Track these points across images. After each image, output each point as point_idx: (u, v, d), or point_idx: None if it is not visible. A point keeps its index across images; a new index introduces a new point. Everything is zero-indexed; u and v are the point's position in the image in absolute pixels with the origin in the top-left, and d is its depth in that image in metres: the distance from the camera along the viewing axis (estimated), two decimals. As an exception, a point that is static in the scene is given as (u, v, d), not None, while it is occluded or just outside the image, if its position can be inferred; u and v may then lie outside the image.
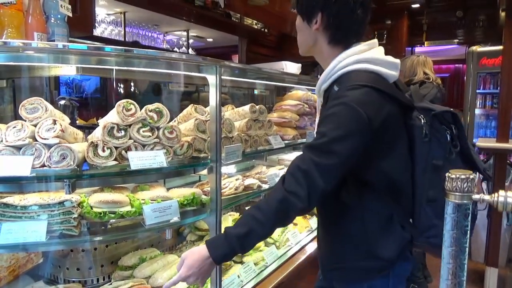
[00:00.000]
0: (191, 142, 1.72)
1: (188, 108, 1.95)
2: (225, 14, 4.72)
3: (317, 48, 1.37)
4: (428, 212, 1.26)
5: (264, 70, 2.22)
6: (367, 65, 1.28)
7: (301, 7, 1.36)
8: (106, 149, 1.46)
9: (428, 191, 1.25)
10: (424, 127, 1.25)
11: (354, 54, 1.29)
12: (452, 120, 1.25)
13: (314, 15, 1.32)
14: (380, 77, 1.28)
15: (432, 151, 1.25)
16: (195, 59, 1.67)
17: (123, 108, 1.53)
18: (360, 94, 1.19)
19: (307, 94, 2.76)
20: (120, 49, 1.40)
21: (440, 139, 1.24)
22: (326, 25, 1.31)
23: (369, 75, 1.26)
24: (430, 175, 1.25)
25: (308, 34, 1.37)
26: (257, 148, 2.19)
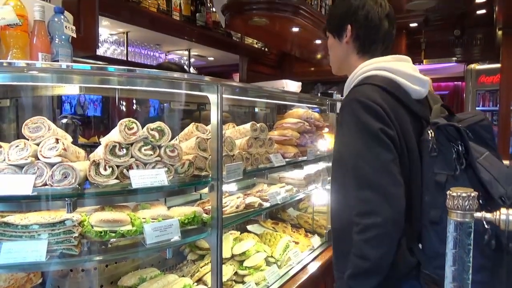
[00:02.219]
0: (192, 160, 1.73)
1: (190, 127, 1.96)
2: (226, 33, 4.80)
3: (347, 61, 1.47)
4: (432, 236, 1.22)
5: (264, 88, 2.24)
6: (384, 72, 1.33)
7: (332, 26, 1.48)
8: (108, 167, 1.46)
9: (430, 210, 1.22)
10: (431, 141, 1.24)
11: (376, 62, 1.37)
12: (457, 135, 1.22)
13: (344, 29, 1.43)
14: (396, 84, 1.31)
15: (437, 167, 1.23)
16: (196, 78, 1.69)
17: (125, 127, 1.54)
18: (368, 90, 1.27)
19: (308, 112, 2.78)
20: (122, 69, 1.43)
21: (446, 154, 1.22)
22: (355, 36, 1.42)
23: (384, 79, 1.31)
24: (432, 193, 1.23)
25: (340, 49, 1.48)
26: (258, 166, 2.19)
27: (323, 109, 3.07)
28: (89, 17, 2.59)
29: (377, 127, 1.19)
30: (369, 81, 1.32)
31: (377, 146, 1.18)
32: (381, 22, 1.40)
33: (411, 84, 1.34)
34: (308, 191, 2.70)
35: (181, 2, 4.16)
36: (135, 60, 4.42)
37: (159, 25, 3.95)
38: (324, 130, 3.03)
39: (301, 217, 3.06)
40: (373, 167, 1.17)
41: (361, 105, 1.23)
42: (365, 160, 1.19)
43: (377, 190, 1.16)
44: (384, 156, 1.18)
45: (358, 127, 1.22)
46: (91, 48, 2.61)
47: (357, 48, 1.43)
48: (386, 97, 1.27)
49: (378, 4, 1.41)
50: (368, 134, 1.20)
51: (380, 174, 1.16)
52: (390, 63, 1.36)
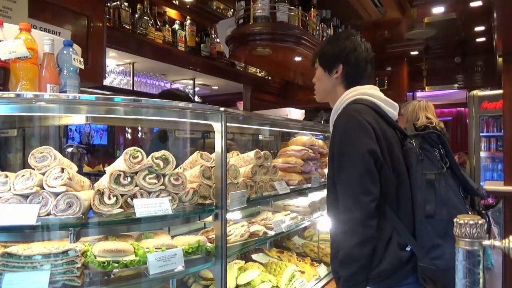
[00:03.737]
0: (196, 188, 1.72)
1: (194, 155, 1.97)
2: (230, 63, 4.90)
3: (334, 92, 1.66)
4: (429, 230, 1.38)
5: (268, 116, 2.26)
6: (367, 96, 1.56)
7: (324, 62, 1.67)
8: (112, 196, 1.46)
9: (424, 206, 1.40)
10: (417, 148, 1.47)
11: (359, 89, 1.58)
12: (439, 140, 1.47)
13: (335, 67, 1.63)
14: (377, 106, 1.55)
15: (425, 168, 1.44)
16: (201, 107, 1.72)
17: (130, 156, 1.55)
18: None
19: (311, 139, 2.79)
20: (128, 99, 1.45)
21: (430, 158, 1.45)
22: (345, 74, 1.62)
23: (368, 101, 1.53)
24: (425, 190, 1.42)
25: (328, 82, 1.66)
26: (262, 193, 2.18)
27: (326, 136, 3.08)
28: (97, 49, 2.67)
29: (366, 149, 1.38)
30: (357, 101, 1.53)
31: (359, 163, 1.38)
32: (366, 64, 1.63)
33: (387, 107, 1.57)
34: (314, 219, 2.67)
35: (186, 34, 4.28)
36: (141, 89, 4.50)
37: (164, 56, 4.04)
38: (328, 157, 3.02)
39: (307, 245, 3.01)
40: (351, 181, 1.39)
41: (353, 122, 1.43)
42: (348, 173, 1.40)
43: (351, 196, 1.38)
44: (360, 171, 1.38)
45: (350, 144, 1.41)
46: (99, 78, 2.67)
47: (344, 82, 1.63)
48: (374, 115, 1.48)
49: (365, 49, 1.64)
50: (357, 152, 1.38)
51: (355, 185, 1.37)
52: (369, 90, 1.59)
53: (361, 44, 1.63)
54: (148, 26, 3.80)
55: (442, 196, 1.39)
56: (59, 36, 2.28)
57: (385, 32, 5.39)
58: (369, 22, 4.36)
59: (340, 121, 1.48)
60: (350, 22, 4.22)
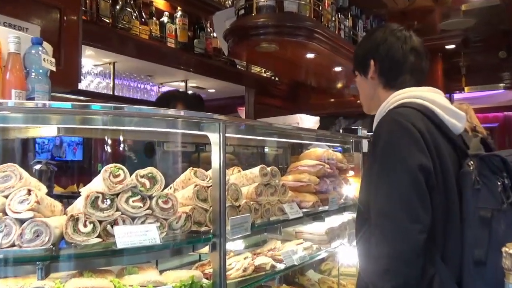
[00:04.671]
0: (189, 213, 1.73)
1: (187, 172, 1.98)
2: (229, 62, 4.93)
3: (376, 97, 1.63)
4: (476, 280, 1.28)
5: (275, 125, 2.27)
6: (420, 100, 1.46)
7: (357, 64, 1.69)
8: (89, 223, 1.46)
9: (473, 249, 1.29)
10: (473, 173, 1.34)
11: (409, 91, 1.51)
12: (503, 166, 1.34)
13: (367, 65, 1.63)
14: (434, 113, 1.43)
15: (481, 201, 1.32)
16: (195, 115, 1.73)
17: (110, 174, 1.56)
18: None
19: (328, 152, 2.79)
20: (108, 107, 1.47)
21: (490, 188, 1.32)
22: (379, 71, 1.60)
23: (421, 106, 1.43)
24: (476, 230, 1.30)
25: (367, 85, 1.66)
26: (269, 218, 2.17)
27: (346, 148, 3.08)
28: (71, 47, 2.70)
29: (415, 164, 1.28)
30: (405, 105, 1.45)
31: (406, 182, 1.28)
32: (405, 56, 1.60)
33: (449, 117, 1.46)
34: (332, 249, 2.66)
35: (177, 28, 4.32)
36: (122, 94, 4.52)
37: (151, 54, 4.08)
38: (349, 174, 3.02)
39: (324, 281, 2.99)
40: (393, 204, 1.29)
41: (399, 128, 1.35)
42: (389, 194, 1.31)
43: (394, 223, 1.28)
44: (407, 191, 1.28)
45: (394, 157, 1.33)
46: (73, 82, 2.69)
47: (383, 82, 1.61)
48: (426, 122, 1.39)
49: (401, 39, 1.62)
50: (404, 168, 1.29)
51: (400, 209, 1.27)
52: (425, 92, 1.51)
53: (395, 32, 1.62)
54: (132, 19, 3.85)
55: (499, 240, 1.24)
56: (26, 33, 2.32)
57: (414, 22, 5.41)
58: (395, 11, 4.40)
59: (381, 128, 1.43)
60: (372, 12, 4.26)
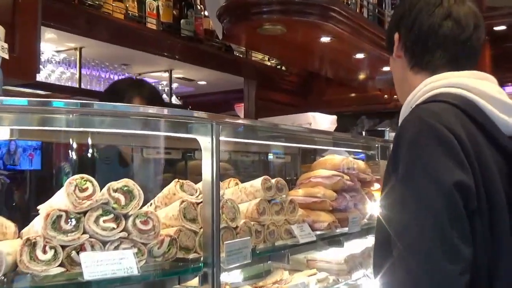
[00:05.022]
0: (174, 236, 1.73)
1: (171, 185, 1.98)
2: (224, 47, 4.94)
3: (405, 82, 1.56)
4: None
5: (282, 127, 2.27)
6: (459, 90, 1.36)
7: (387, 40, 1.63)
8: (49, 249, 1.46)
9: None
10: None
11: (446, 78, 1.42)
12: None
13: (393, 41, 1.57)
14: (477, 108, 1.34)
15: None
16: (182, 114, 1.73)
17: (76, 188, 1.56)
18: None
19: (348, 160, 2.79)
20: (74, 104, 1.47)
21: None
22: (405, 47, 1.54)
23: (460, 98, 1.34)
24: None
25: (395, 68, 1.62)
26: (274, 243, 2.17)
27: (370, 154, 3.09)
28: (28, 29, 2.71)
29: (451, 181, 1.20)
30: (439, 98, 1.37)
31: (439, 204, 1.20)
32: (434, 25, 1.47)
33: (498, 112, 1.35)
34: (353, 281, 2.65)
35: (160, 5, 4.33)
36: (91, 87, 4.54)
37: (127, 37, 4.09)
38: (374, 187, 3.02)
39: (343, 321, 2.99)
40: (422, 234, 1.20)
41: (427, 133, 1.26)
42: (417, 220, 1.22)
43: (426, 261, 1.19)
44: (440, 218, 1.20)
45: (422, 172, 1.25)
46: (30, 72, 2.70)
47: (410, 62, 1.54)
48: (465, 122, 1.30)
49: (433, 2, 1.50)
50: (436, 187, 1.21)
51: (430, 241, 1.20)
52: (467, 79, 1.40)
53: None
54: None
55: None
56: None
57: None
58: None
59: (403, 132, 1.33)
60: (402, -16, 4.27)
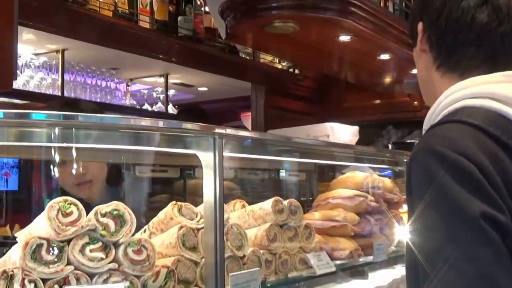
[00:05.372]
0: (172, 267, 1.73)
1: (168, 209, 1.99)
2: (228, 48, 4.96)
3: (431, 84, 1.50)
4: None
5: (295, 140, 2.28)
6: (488, 102, 1.30)
7: (410, 29, 1.59)
8: (28, 283, 1.48)
9: None
10: None
11: (473, 85, 1.35)
12: None
13: (416, 30, 1.51)
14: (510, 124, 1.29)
15: None
16: (179, 126, 1.74)
17: (59, 212, 1.57)
18: None
19: (372, 177, 2.80)
20: (56, 116, 1.49)
21: None
22: (430, 41, 1.47)
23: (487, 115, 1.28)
24: None
25: (419, 63, 1.55)
26: (287, 274, 2.18)
27: (398, 171, 3.09)
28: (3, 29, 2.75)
29: (477, 211, 1.17)
30: (457, 117, 1.30)
31: (474, 241, 1.17)
32: (467, 14, 1.40)
33: None
34: (379, 319, 2.65)
35: (154, 1, 4.37)
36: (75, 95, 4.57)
37: (116, 38, 4.12)
38: (402, 208, 3.02)
39: None
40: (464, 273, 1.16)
41: (442, 164, 1.22)
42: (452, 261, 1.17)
43: None
44: (484, 256, 1.16)
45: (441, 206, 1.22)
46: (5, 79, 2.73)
47: (434, 59, 1.47)
48: (489, 146, 1.25)
49: None
50: (461, 221, 1.18)
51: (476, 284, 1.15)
52: (496, 85, 1.35)
53: None
54: (89, -12, 3.91)
55: None
56: None
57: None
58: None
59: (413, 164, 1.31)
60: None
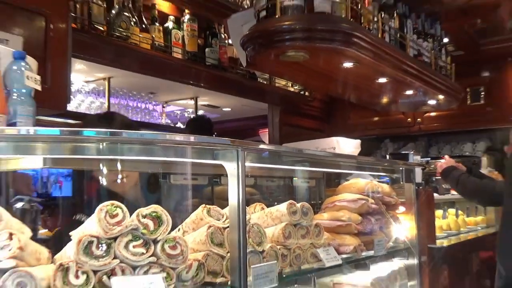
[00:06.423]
0: (202, 260, 1.74)
1: (198, 211, 2.00)
2: (248, 74, 4.99)
3: None
4: None
5: (306, 152, 2.28)
6: None
7: None
8: (81, 274, 1.49)
9: None
10: None
11: None
12: None
13: None
14: None
15: None
16: (208, 141, 1.76)
17: (106, 214, 1.58)
18: None
19: (372, 183, 2.79)
20: (104, 133, 1.51)
21: None
22: None
23: None
24: None
25: None
26: (300, 266, 2.17)
27: (395, 178, 3.07)
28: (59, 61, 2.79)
29: None
30: None
31: None
32: None
33: None
34: (380, 305, 2.62)
35: (185, 35, 4.41)
36: (119, 116, 4.62)
37: (153, 67, 4.16)
38: (399, 210, 3.00)
39: None
40: None
41: None
42: None
43: None
44: None
45: None
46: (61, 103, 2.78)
47: None
48: None
49: None
50: None
51: None
52: None
53: None
54: (130, 25, 3.95)
55: None
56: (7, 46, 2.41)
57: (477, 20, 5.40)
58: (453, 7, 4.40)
59: None
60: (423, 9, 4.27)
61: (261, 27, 3.11)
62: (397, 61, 3.61)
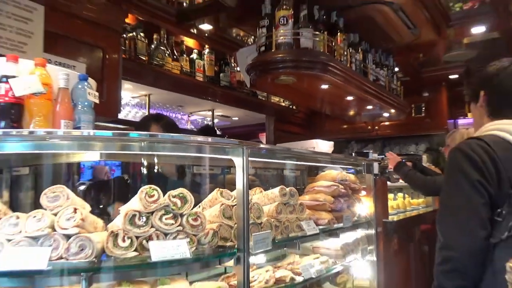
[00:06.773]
0: (216, 229, 1.73)
1: (214, 193, 2.00)
2: (251, 93, 5.00)
3: (481, 123, 1.64)
4: None
5: (293, 150, 2.27)
6: (498, 132, 1.49)
7: (471, 92, 1.75)
8: (127, 238, 1.48)
9: None
10: None
11: (498, 124, 1.54)
12: None
13: (478, 94, 1.68)
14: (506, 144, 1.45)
15: None
16: (221, 141, 1.75)
17: (146, 194, 1.58)
18: None
19: (342, 173, 2.77)
20: (144, 135, 1.50)
21: None
22: (487, 101, 1.64)
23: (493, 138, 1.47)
24: None
25: (476, 112, 1.71)
26: (288, 234, 2.15)
27: (358, 170, 3.06)
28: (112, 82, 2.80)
29: (475, 178, 1.37)
30: (481, 136, 1.50)
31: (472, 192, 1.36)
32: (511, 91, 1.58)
33: None
34: (347, 263, 2.61)
35: (205, 63, 4.42)
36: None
37: (181, 87, 4.17)
38: (361, 193, 2.99)
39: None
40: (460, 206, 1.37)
41: (461, 154, 1.45)
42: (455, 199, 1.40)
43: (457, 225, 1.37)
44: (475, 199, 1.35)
45: (457, 175, 1.42)
46: (113, 112, 2.77)
47: (488, 111, 1.64)
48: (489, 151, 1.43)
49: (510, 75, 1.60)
50: (466, 182, 1.38)
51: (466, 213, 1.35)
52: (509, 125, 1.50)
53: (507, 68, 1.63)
54: (165, 56, 3.96)
55: None
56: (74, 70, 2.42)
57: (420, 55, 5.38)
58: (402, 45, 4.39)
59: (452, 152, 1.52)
60: (380, 46, 4.27)
61: (261, 58, 3.11)
62: (361, 84, 3.61)
